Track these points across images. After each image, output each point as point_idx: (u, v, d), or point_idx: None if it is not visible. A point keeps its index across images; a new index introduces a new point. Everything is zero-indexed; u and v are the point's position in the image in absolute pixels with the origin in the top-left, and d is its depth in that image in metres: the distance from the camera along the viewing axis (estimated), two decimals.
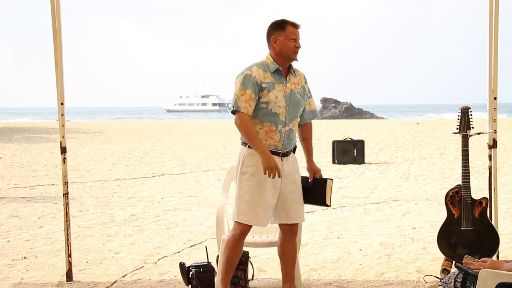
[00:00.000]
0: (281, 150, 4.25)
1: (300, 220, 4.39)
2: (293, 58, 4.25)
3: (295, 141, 4.36)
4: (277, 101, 4.18)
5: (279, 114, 4.20)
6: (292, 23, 4.22)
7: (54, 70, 4.93)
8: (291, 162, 4.34)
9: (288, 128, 4.25)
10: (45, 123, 37.54)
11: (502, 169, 12.08)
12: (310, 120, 4.48)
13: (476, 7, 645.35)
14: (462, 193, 4.74)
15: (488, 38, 4.85)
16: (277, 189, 4.25)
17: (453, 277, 3.65)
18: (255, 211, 4.22)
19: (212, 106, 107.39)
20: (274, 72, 4.21)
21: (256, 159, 4.18)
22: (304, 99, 4.35)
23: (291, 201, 4.32)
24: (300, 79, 4.34)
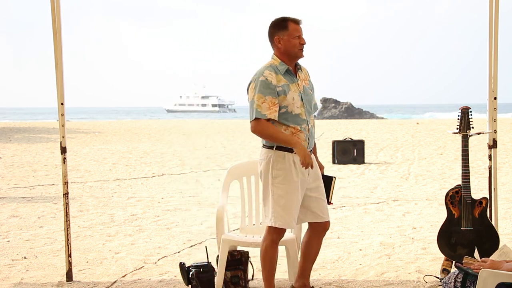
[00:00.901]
0: (307, 149, 4.20)
1: (325, 218, 4.31)
2: (300, 56, 4.19)
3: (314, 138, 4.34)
4: (295, 102, 4.12)
5: (299, 114, 4.15)
6: (293, 20, 4.16)
7: (54, 70, 4.93)
8: (313, 160, 4.29)
9: (310, 125, 4.22)
10: (45, 123, 37.54)
11: (502, 169, 12.08)
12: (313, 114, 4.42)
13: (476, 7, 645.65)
14: (462, 193, 4.74)
15: (488, 38, 4.85)
16: (304, 188, 4.21)
17: (453, 277, 3.65)
18: (292, 215, 4.16)
19: (212, 107, 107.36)
20: (285, 72, 4.14)
21: (286, 161, 4.12)
22: (313, 93, 4.34)
23: (316, 199, 4.27)
24: (306, 74, 4.32)
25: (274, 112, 4.07)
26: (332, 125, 31.09)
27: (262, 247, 4.28)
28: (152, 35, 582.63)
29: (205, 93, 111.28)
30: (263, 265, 4.31)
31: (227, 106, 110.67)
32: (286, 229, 4.26)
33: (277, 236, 4.25)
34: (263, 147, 4.22)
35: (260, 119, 4.05)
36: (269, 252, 4.26)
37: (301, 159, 4.04)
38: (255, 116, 4.07)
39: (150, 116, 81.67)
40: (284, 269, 5.28)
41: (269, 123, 4.08)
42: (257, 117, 4.06)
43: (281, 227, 4.19)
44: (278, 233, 4.24)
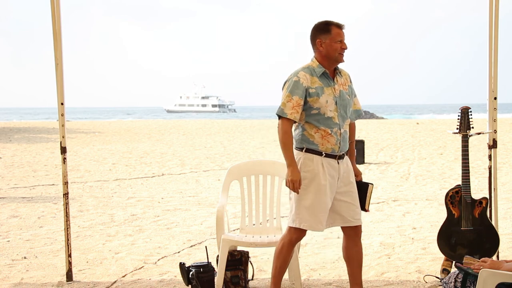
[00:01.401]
0: (337, 153, 4.17)
1: (359, 223, 4.30)
2: (340, 60, 4.18)
3: (348, 142, 4.31)
4: (328, 105, 4.12)
5: (332, 118, 4.13)
6: (336, 24, 4.16)
7: (54, 70, 4.93)
8: (346, 164, 4.26)
9: (342, 130, 4.19)
10: (45, 123, 37.54)
11: (502, 169, 12.08)
12: (354, 120, 4.41)
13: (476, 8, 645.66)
14: (462, 193, 4.74)
15: (488, 38, 4.85)
16: (333, 192, 4.19)
17: (453, 277, 3.65)
18: (317, 217, 4.15)
19: (212, 108, 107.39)
20: (321, 75, 4.15)
21: (314, 164, 4.12)
22: (352, 98, 4.30)
23: (346, 204, 4.24)
24: (346, 79, 4.29)
25: (295, 113, 4.08)
26: None
27: (279, 245, 4.28)
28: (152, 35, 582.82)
29: (205, 93, 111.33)
30: (274, 263, 4.30)
31: (227, 106, 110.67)
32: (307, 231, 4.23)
33: (296, 237, 4.24)
34: (294, 149, 4.22)
35: (287, 121, 4.11)
36: (284, 252, 4.26)
37: (287, 178, 4.10)
38: (277, 112, 4.13)
39: (150, 116, 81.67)
40: None
41: (291, 131, 4.15)
42: (279, 115, 4.11)
43: (306, 229, 4.19)
44: (298, 234, 4.23)
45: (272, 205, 5.09)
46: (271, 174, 5.11)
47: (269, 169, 5.14)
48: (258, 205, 5.09)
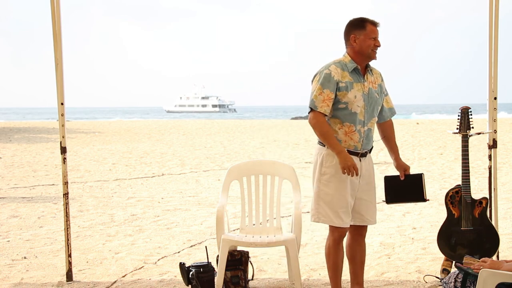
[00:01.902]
0: (360, 151, 4.19)
1: (373, 222, 4.35)
2: (373, 57, 4.18)
3: (372, 141, 4.32)
4: (356, 100, 4.12)
5: (357, 114, 4.14)
6: (371, 22, 4.16)
7: (54, 70, 4.93)
8: (368, 163, 4.28)
9: (367, 127, 4.20)
10: (45, 123, 37.54)
11: (502, 169, 12.08)
12: (389, 117, 4.46)
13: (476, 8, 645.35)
14: (462, 193, 4.74)
15: (488, 38, 4.85)
16: (354, 190, 4.20)
17: (453, 277, 3.64)
18: (337, 212, 4.16)
19: (212, 108, 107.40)
20: (352, 71, 4.15)
21: (335, 160, 4.12)
22: (381, 97, 4.30)
23: (366, 202, 4.26)
24: (377, 78, 4.29)
25: (326, 107, 4.09)
26: None
27: (326, 248, 4.31)
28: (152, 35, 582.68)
29: (205, 93, 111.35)
30: (327, 265, 4.33)
31: (227, 106, 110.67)
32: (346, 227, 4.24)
33: (339, 235, 4.23)
34: (317, 144, 4.26)
35: (320, 113, 4.10)
36: (331, 252, 4.26)
37: (341, 167, 4.05)
38: (308, 105, 4.14)
39: (150, 116, 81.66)
40: (284, 269, 5.29)
41: (325, 121, 4.13)
42: (311, 107, 4.12)
43: (324, 223, 4.23)
44: (340, 232, 4.23)
45: (272, 205, 5.09)
46: (271, 174, 5.11)
47: (269, 169, 5.14)
48: (258, 205, 5.09)
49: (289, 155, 15.81)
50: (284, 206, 7.87)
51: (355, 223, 4.31)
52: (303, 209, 8.16)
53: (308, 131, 26.57)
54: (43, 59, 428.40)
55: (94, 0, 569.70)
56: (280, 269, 5.36)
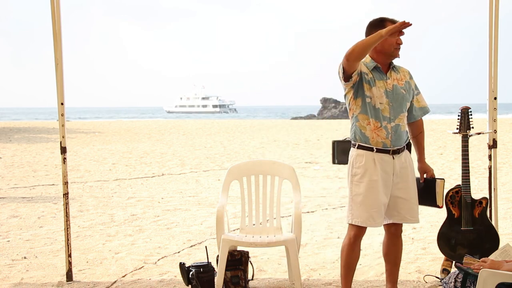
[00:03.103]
0: (390, 148, 4.13)
1: (414, 221, 4.28)
2: (395, 55, 4.15)
3: (406, 137, 4.23)
4: (378, 97, 4.10)
5: (382, 110, 4.11)
6: (391, 20, 4.11)
7: (54, 70, 4.93)
8: (404, 160, 4.20)
9: (394, 124, 4.12)
10: (45, 123, 37.54)
11: (502, 169, 12.07)
12: (419, 117, 4.36)
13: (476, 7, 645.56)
14: (462, 193, 4.74)
15: (488, 38, 4.85)
16: (388, 187, 4.17)
17: (453, 277, 3.64)
18: (369, 213, 4.15)
19: (213, 108, 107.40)
20: (373, 69, 4.14)
21: (365, 159, 4.13)
22: (410, 94, 4.22)
23: (403, 200, 4.21)
24: (404, 75, 4.25)
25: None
26: (332, 125, 31.09)
27: (342, 245, 4.31)
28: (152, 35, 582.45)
29: (205, 93, 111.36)
30: (341, 263, 4.31)
31: (228, 106, 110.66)
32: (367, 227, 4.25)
33: (354, 234, 4.23)
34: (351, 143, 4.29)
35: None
36: (346, 250, 4.25)
37: (392, 28, 3.80)
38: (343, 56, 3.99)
39: (150, 117, 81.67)
40: (284, 269, 5.29)
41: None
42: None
43: (358, 225, 4.19)
44: (355, 231, 4.23)
45: (272, 205, 5.09)
46: (271, 174, 5.11)
47: (269, 169, 5.14)
48: (258, 205, 5.09)
49: (289, 155, 15.81)
50: (284, 206, 7.87)
51: (395, 221, 4.28)
52: (303, 209, 8.16)
53: (308, 131, 26.57)
54: (43, 59, 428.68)
55: (94, 0, 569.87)
56: (280, 269, 5.36)
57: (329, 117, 49.40)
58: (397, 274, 4.44)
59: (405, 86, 4.22)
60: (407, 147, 4.28)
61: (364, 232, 4.28)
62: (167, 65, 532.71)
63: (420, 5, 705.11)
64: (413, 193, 4.26)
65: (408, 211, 4.24)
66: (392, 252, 4.39)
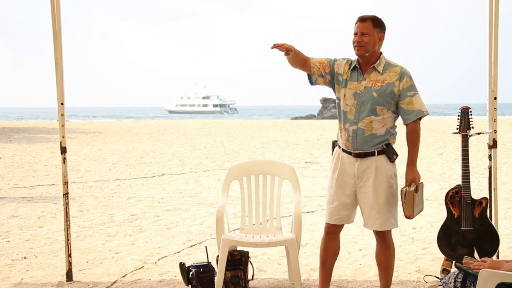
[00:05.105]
0: (351, 150, 4.12)
1: (375, 227, 4.19)
2: (356, 53, 4.09)
3: (377, 142, 4.11)
4: (346, 98, 4.11)
5: (347, 112, 4.11)
6: (358, 17, 4.09)
7: (54, 70, 4.93)
8: (369, 165, 4.11)
9: (356, 127, 4.08)
10: (45, 123, 37.54)
11: (502, 169, 12.07)
12: (410, 120, 4.15)
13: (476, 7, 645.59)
14: (462, 193, 4.74)
15: (488, 38, 4.85)
16: (348, 189, 4.18)
17: (453, 277, 3.64)
18: (329, 209, 4.28)
19: (213, 107, 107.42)
20: (352, 68, 4.13)
21: (335, 158, 4.23)
22: (386, 97, 4.04)
23: (365, 206, 4.17)
24: (390, 76, 4.06)
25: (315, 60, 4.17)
26: (332, 125, 31.07)
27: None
28: (152, 35, 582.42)
29: (206, 93, 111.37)
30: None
31: (228, 105, 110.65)
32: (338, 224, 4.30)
33: (325, 229, 4.34)
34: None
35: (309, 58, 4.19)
36: (320, 246, 4.38)
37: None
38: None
39: (150, 116, 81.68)
40: (284, 269, 5.29)
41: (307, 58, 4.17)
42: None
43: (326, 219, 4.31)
44: (326, 226, 4.33)
45: (272, 205, 5.09)
46: (271, 174, 5.11)
47: (269, 169, 5.14)
48: (258, 205, 5.09)
49: (289, 155, 15.80)
50: (284, 206, 7.87)
51: (364, 226, 4.30)
52: (303, 209, 8.16)
53: (308, 131, 26.57)
54: (43, 59, 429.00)
55: (94, 0, 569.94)
56: (280, 269, 5.36)
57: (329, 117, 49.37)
58: (388, 279, 4.37)
59: (381, 89, 4.06)
60: (388, 153, 4.16)
61: (335, 228, 4.32)
62: (167, 65, 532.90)
63: (420, 5, 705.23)
64: (373, 199, 4.13)
65: (368, 216, 4.20)
66: (378, 256, 4.37)
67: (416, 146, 4.25)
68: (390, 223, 4.23)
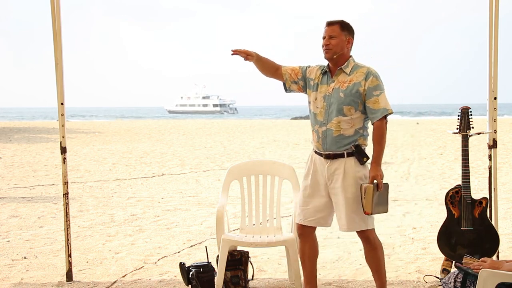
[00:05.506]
0: (322, 151, 4.18)
1: (344, 229, 4.21)
2: (324, 56, 4.16)
3: (346, 143, 4.14)
4: (316, 102, 4.20)
5: (317, 114, 4.20)
6: (326, 22, 4.18)
7: (54, 70, 4.93)
8: (338, 167, 4.13)
9: (325, 128, 4.14)
10: (45, 123, 37.54)
11: (502, 169, 12.08)
12: (376, 119, 4.14)
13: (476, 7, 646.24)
14: (462, 193, 4.74)
15: (488, 38, 4.85)
16: (323, 190, 4.21)
17: (453, 277, 3.64)
18: (299, 209, 4.33)
19: (213, 107, 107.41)
20: (323, 72, 4.22)
21: (310, 159, 4.30)
22: (352, 96, 4.07)
23: (336, 207, 4.20)
24: (357, 76, 4.10)
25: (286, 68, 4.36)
26: None
27: None
28: (152, 35, 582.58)
29: (206, 93, 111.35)
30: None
31: (228, 105, 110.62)
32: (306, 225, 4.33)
33: (297, 229, 4.39)
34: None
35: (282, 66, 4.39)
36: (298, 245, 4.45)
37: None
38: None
39: (151, 116, 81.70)
40: (284, 269, 5.29)
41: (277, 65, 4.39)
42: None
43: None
44: (297, 227, 4.38)
45: (272, 205, 5.09)
46: (271, 174, 5.11)
47: (269, 169, 5.14)
48: (258, 205, 5.09)
49: (289, 155, 15.81)
50: (284, 206, 7.87)
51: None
52: None
53: (308, 131, 26.57)
54: (43, 59, 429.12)
55: (94, 0, 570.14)
56: (280, 269, 5.36)
57: None
58: (381, 280, 4.32)
59: (347, 89, 4.10)
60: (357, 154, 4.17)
61: (305, 230, 4.33)
62: (167, 65, 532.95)
63: (420, 5, 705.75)
64: (341, 200, 4.14)
65: (338, 217, 4.22)
66: (366, 258, 4.36)
67: (380, 145, 4.23)
68: (357, 224, 4.18)
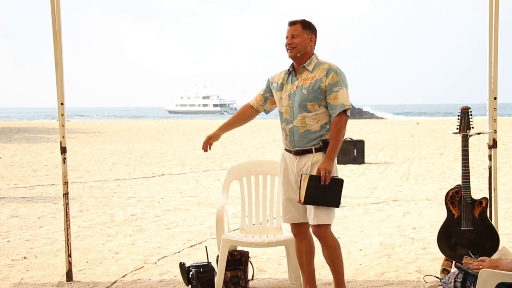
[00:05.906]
0: (291, 148, 4.28)
1: (312, 223, 4.20)
2: (288, 55, 4.27)
3: (313, 138, 4.18)
4: (282, 101, 4.31)
5: (283, 113, 4.31)
6: (288, 22, 4.30)
7: (54, 70, 4.93)
8: (307, 162, 4.18)
9: (292, 125, 4.24)
10: (45, 123, 37.54)
11: (502, 169, 12.08)
12: (334, 115, 4.13)
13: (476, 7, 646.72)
14: (462, 193, 4.74)
15: (488, 38, 4.84)
16: (294, 186, 4.28)
17: (453, 277, 3.64)
18: (281, 208, 4.42)
19: (213, 107, 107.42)
20: (288, 72, 4.32)
21: (283, 158, 4.38)
22: (314, 93, 4.11)
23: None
24: (318, 73, 4.16)
25: (254, 100, 4.55)
26: None
27: None
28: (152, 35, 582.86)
29: (206, 93, 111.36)
30: None
31: (228, 105, 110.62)
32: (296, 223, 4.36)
33: (291, 229, 4.43)
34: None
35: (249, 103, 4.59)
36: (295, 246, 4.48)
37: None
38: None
39: (151, 116, 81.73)
40: (284, 269, 5.29)
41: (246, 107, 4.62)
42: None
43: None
44: (292, 228, 4.42)
45: (272, 205, 5.09)
46: (271, 174, 5.11)
47: (269, 169, 5.14)
48: (258, 205, 5.09)
49: None
50: None
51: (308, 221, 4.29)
52: None
53: None
54: (43, 59, 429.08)
55: (94, 0, 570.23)
56: (280, 269, 5.36)
57: None
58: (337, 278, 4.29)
59: (310, 86, 4.16)
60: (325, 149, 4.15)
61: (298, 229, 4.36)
62: (167, 65, 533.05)
63: (420, 5, 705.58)
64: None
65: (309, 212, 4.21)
66: (323, 255, 4.32)
67: (337, 139, 4.17)
68: (322, 218, 4.16)
